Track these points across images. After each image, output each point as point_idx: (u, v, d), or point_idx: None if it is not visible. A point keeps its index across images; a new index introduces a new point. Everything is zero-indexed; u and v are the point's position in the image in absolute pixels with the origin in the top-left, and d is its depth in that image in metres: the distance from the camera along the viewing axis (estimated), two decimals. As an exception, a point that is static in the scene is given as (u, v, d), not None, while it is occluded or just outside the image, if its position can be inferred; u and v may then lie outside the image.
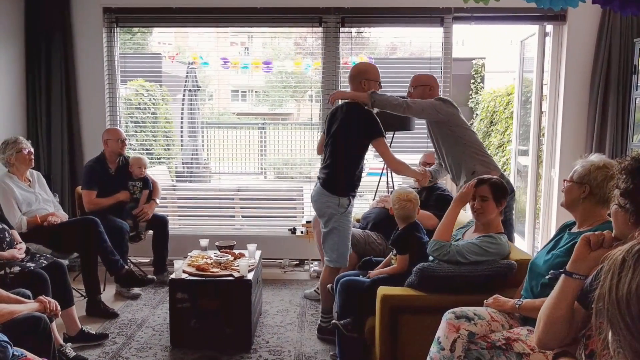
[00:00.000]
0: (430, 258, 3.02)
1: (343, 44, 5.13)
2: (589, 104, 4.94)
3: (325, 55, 5.08)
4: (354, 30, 5.35)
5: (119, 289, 4.51)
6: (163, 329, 3.80)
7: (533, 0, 2.21)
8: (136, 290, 4.48)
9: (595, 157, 2.38)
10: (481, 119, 9.62)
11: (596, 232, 1.65)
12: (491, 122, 9.13)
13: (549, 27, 5.12)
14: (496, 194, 2.84)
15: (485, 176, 2.96)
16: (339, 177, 3.48)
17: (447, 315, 2.35)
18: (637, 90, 4.44)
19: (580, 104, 4.99)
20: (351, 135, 3.47)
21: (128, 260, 4.50)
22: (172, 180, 6.10)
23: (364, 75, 3.53)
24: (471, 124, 10.35)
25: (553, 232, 5.13)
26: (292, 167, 6.27)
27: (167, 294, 4.41)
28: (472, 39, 15.90)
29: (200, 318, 3.46)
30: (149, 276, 4.21)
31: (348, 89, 3.66)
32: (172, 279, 3.50)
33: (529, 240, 5.42)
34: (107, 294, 4.44)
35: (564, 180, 2.42)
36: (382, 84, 3.62)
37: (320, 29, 5.07)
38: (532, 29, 5.28)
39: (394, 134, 4.81)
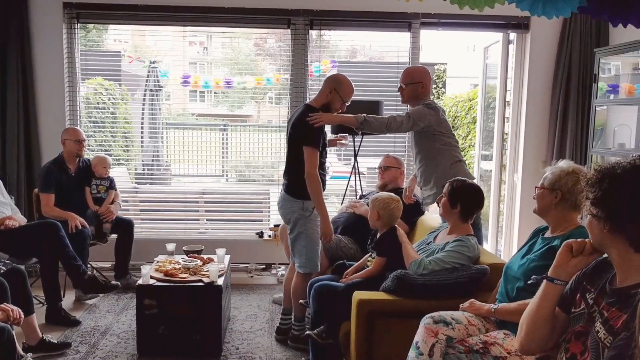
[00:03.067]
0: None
1: (311, 46, 5.11)
2: (551, 110, 5.08)
3: (294, 57, 5.05)
4: (322, 32, 5.32)
5: (79, 295, 4.36)
6: (129, 337, 3.68)
7: (527, 8, 2.24)
8: (95, 297, 4.35)
9: (563, 164, 2.43)
10: (442, 123, 9.75)
11: (578, 240, 1.68)
12: (453, 126, 9.27)
13: (513, 35, 5.24)
14: (450, 195, 2.93)
15: (457, 178, 3.01)
16: (299, 181, 3.40)
17: (425, 320, 2.35)
18: (596, 98, 4.58)
19: (543, 111, 5.12)
20: (297, 139, 3.42)
21: (89, 265, 4.36)
22: (132, 182, 5.95)
23: (336, 84, 3.47)
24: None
25: (516, 236, 5.26)
26: (254, 170, 6.21)
27: (131, 300, 4.32)
28: (430, 45, 16.16)
29: (168, 325, 3.37)
30: (113, 282, 4.07)
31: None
32: (140, 284, 3.39)
33: (492, 244, 5.53)
34: (67, 300, 4.27)
35: (535, 187, 2.47)
36: (345, 105, 3.55)
37: (288, 30, 5.04)
38: (496, 36, 5.39)
39: (362, 138, 4.83)
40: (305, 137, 3.35)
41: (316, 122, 3.35)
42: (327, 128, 3.59)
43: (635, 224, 1.46)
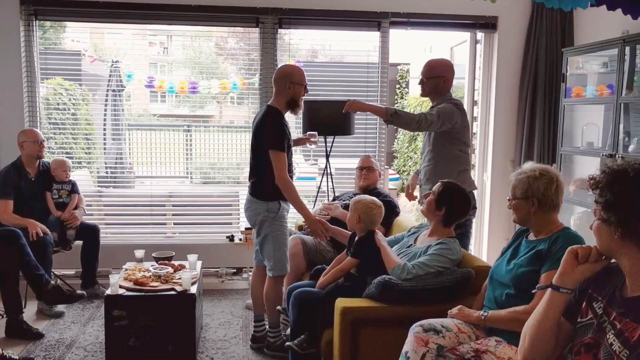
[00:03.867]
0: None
1: (279, 45, 5.01)
2: (519, 109, 5.12)
3: (263, 57, 4.94)
4: (289, 31, 5.22)
5: (41, 306, 4.14)
6: (96, 349, 3.52)
7: (542, 0, 2.17)
8: (60, 307, 4.14)
9: (527, 168, 2.38)
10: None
11: (584, 246, 1.63)
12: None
13: (480, 35, 5.26)
14: (439, 195, 2.88)
15: (451, 181, 2.96)
16: (263, 182, 3.35)
17: (415, 328, 2.29)
18: (565, 97, 4.63)
19: (511, 110, 5.16)
20: (260, 142, 3.34)
21: (52, 274, 4.15)
22: (95, 186, 5.72)
23: (289, 78, 3.36)
24: (396, 128, 10.51)
25: (486, 235, 5.28)
26: (219, 171, 6.07)
27: (98, 309, 4.14)
28: (393, 46, 16.16)
29: (139, 336, 3.23)
30: (78, 291, 3.87)
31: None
32: (108, 295, 3.23)
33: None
34: (28, 312, 4.04)
35: (509, 199, 2.41)
36: (307, 87, 3.48)
37: (257, 29, 4.92)
38: (463, 36, 5.41)
39: (334, 139, 4.75)
40: (268, 141, 3.28)
41: (349, 109, 3.51)
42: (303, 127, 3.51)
43: None
